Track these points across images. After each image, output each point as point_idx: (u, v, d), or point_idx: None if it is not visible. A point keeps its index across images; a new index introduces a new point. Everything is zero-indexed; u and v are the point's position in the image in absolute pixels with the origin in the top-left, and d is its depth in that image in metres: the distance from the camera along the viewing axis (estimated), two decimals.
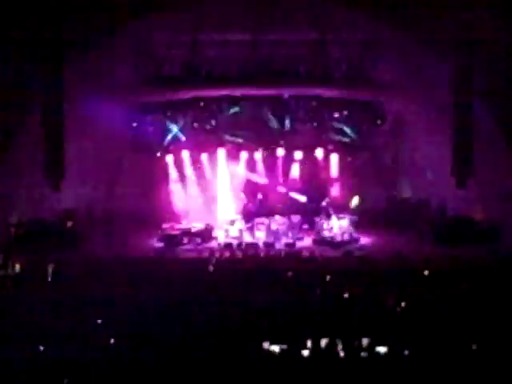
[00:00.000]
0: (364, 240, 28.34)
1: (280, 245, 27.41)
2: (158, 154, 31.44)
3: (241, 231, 28.79)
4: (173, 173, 31.80)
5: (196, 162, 31.85)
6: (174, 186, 31.87)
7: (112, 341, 12.78)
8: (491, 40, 23.45)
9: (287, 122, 30.37)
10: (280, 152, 31.39)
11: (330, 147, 31.86)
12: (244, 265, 20.77)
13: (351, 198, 30.83)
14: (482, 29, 23.40)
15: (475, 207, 27.46)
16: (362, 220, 30.19)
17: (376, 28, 26.61)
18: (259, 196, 31.00)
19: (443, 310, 15.07)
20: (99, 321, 14.25)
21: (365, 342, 12.86)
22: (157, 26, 26.49)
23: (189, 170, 31.88)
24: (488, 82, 23.76)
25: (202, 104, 29.42)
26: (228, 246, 26.73)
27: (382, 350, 12.58)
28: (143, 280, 18.07)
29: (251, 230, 29.01)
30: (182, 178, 31.90)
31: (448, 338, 12.97)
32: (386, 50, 27.69)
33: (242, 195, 30.99)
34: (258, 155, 31.61)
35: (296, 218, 29.98)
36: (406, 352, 12.37)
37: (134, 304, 15.22)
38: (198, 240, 28.19)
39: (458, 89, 24.33)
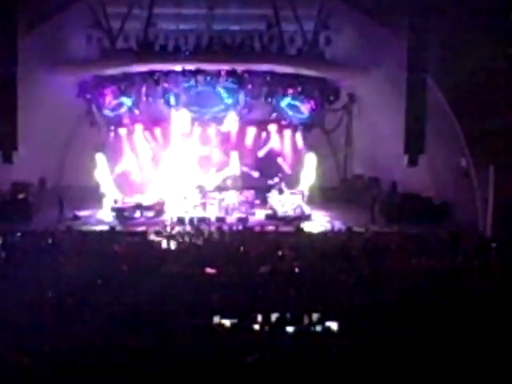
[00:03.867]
0: (316, 216, 28.49)
1: (232, 219, 27.48)
2: (112, 128, 31.27)
3: (193, 205, 28.82)
4: (126, 146, 31.70)
5: (149, 136, 31.77)
6: (127, 160, 31.76)
7: (61, 311, 12.76)
8: (445, 17, 23.61)
9: (241, 97, 30.21)
10: (233, 127, 31.37)
11: (284, 123, 31.93)
12: (195, 239, 20.73)
13: (304, 174, 31.00)
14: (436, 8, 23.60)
15: (426, 184, 27.73)
16: (315, 196, 30.50)
17: (331, 4, 26.77)
18: (212, 170, 31.06)
19: (392, 285, 15.26)
20: (49, 293, 14.20)
21: (315, 316, 12.96)
22: None
23: (142, 143, 31.77)
24: (440, 59, 23.90)
25: (156, 78, 29.07)
26: (180, 220, 26.65)
27: (332, 324, 12.70)
28: (91, 252, 18.00)
29: (204, 204, 29.04)
30: (136, 151, 31.80)
31: (397, 312, 13.14)
32: (341, 26, 27.78)
33: (196, 170, 31.02)
34: (212, 130, 31.58)
35: (249, 193, 30.09)
36: (357, 327, 12.52)
37: (82, 276, 15.18)
38: (150, 214, 28.17)
39: (411, 65, 24.40)
